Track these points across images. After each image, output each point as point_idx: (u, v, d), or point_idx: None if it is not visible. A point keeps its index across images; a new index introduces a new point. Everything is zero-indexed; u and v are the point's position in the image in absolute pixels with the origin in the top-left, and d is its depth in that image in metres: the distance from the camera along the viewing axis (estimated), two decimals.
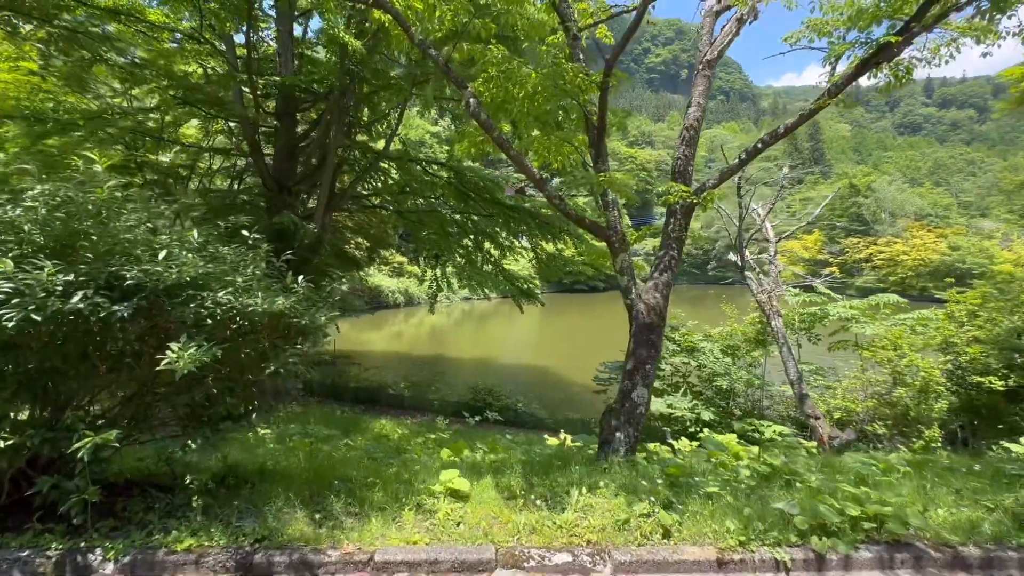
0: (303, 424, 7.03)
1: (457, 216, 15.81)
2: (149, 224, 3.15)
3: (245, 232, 3.43)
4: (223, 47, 10.53)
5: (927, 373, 7.62)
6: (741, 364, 11.03)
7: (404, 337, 30.40)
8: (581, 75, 4.35)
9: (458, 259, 16.46)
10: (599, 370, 12.70)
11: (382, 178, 16.03)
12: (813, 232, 59.73)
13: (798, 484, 3.86)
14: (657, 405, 11.13)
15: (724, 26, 5.67)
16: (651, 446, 5.66)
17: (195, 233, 3.17)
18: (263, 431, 5.60)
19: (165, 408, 3.29)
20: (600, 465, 4.39)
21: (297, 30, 12.47)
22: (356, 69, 10.58)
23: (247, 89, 10.28)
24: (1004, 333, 7.57)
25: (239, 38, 10.71)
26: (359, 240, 20.89)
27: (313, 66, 11.78)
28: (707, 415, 9.39)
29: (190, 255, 2.98)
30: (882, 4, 4.21)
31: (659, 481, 3.74)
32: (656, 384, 11.47)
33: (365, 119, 13.64)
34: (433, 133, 53.20)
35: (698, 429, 8.94)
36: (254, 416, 3.43)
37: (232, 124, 12.65)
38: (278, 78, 10.34)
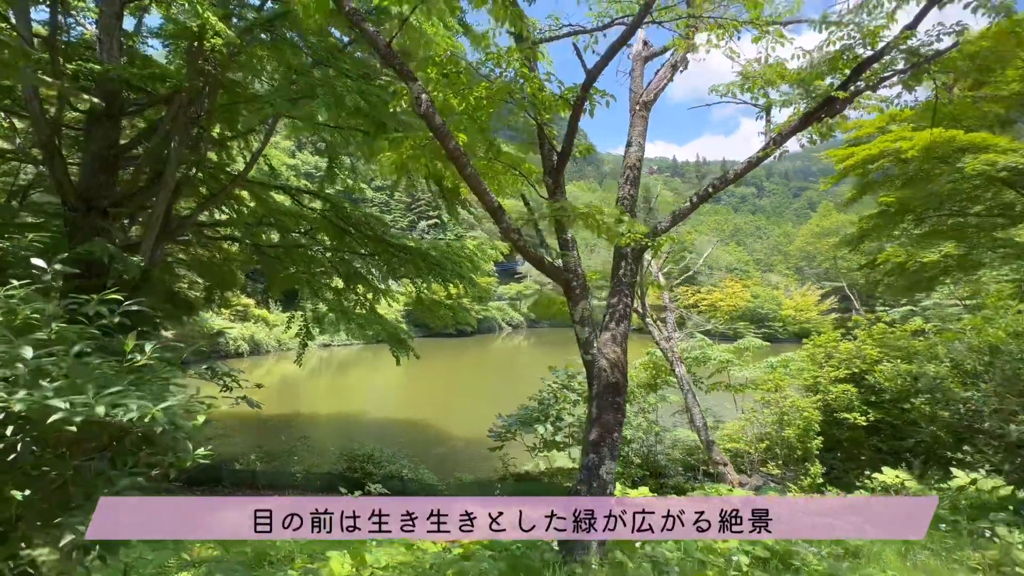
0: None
1: (329, 254, 13.94)
2: None
3: (38, 264, 1.89)
4: (12, 17, 7.83)
5: (809, 413, 8.23)
6: (636, 410, 11.07)
7: (249, 393, 25.74)
8: (548, 90, 3.66)
9: (323, 303, 14.41)
10: (496, 424, 11.73)
11: (235, 206, 13.51)
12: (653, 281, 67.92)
13: (801, 568, 3.36)
14: (561, 460, 10.52)
15: (658, 70, 5.61)
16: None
17: None
18: None
19: None
20: (574, 574, 3.43)
21: (129, 23, 10.02)
22: (215, 71, 8.66)
23: (48, 79, 7.65)
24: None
25: (42, 14, 8.09)
26: (195, 279, 17.32)
27: (147, 63, 9.45)
28: None
29: None
30: (823, 67, 4.36)
31: None
32: (557, 438, 10.92)
33: (219, 134, 11.34)
34: (290, 165, 48.95)
35: None
36: None
37: (18, 121, 9.48)
38: (98, 66, 7.92)
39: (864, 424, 8.33)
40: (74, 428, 1.34)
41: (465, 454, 15.29)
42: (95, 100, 7.75)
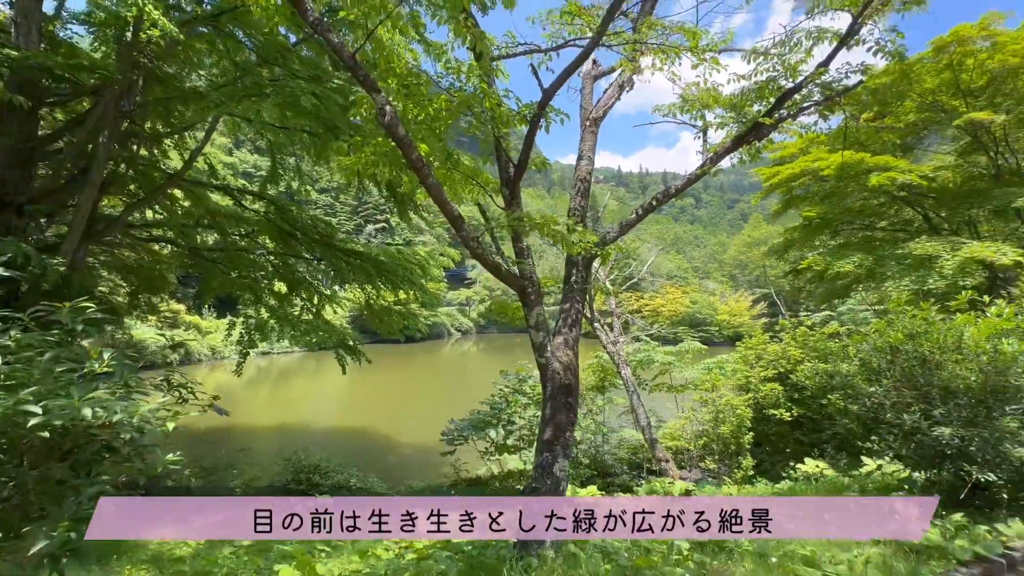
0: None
1: (273, 258, 13.42)
2: None
3: None
4: None
5: (741, 411, 8.87)
6: (585, 412, 11.44)
7: (204, 402, 24.04)
8: (506, 105, 3.84)
9: (265, 309, 13.82)
10: (448, 429, 11.70)
11: (168, 205, 12.75)
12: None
13: (734, 549, 3.70)
14: (513, 463, 10.69)
15: (607, 89, 5.95)
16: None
17: None
18: None
19: None
20: (530, 571, 3.59)
21: (49, 6, 9.28)
22: (151, 64, 8.20)
23: None
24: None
25: None
26: (119, 282, 16.10)
27: (73, 52, 8.81)
28: None
29: None
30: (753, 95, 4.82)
31: None
32: (508, 441, 11.07)
33: (153, 130, 10.68)
34: (227, 164, 46.45)
35: None
36: None
37: None
38: (15, 52, 7.30)
39: (789, 419, 9.09)
40: (46, 434, 1.31)
41: (416, 461, 15.12)
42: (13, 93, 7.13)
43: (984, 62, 10.30)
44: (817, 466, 7.79)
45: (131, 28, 7.94)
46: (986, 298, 5.82)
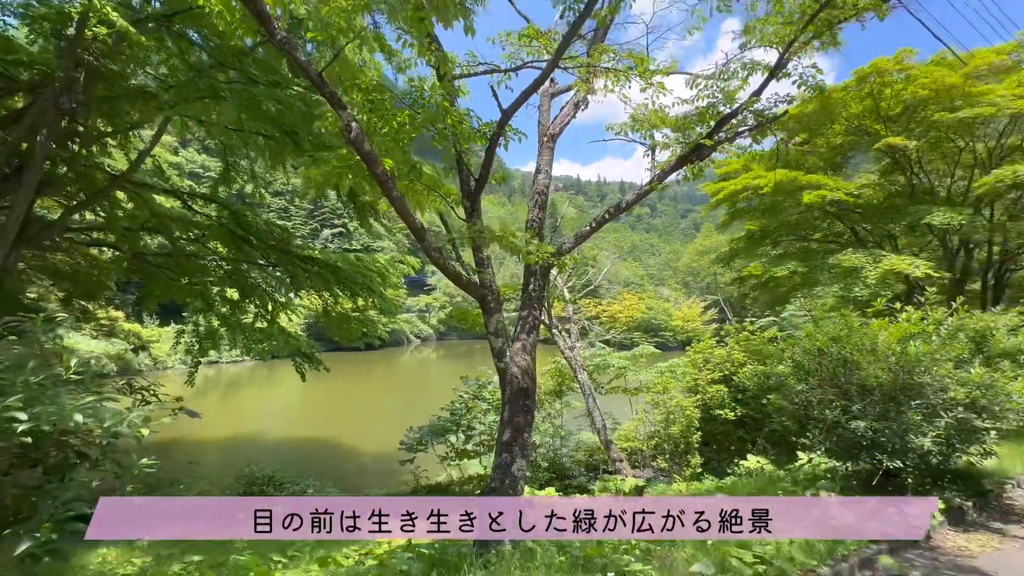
0: None
1: (225, 264, 13.00)
2: None
3: None
4: None
5: (690, 411, 9.38)
6: (543, 416, 11.71)
7: (168, 406, 22.61)
8: (467, 123, 4.06)
9: (216, 317, 13.35)
10: (408, 436, 11.67)
11: (109, 208, 12.14)
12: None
13: (679, 541, 4.01)
14: (474, 468, 10.80)
15: (563, 107, 6.27)
16: None
17: None
18: None
19: None
20: (489, 566, 3.76)
21: None
22: (97, 61, 7.90)
23: None
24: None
25: None
26: (51, 288, 15.13)
27: (9, 46, 8.34)
28: None
29: None
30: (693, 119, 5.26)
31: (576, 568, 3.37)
32: (468, 447, 11.18)
33: (96, 129, 10.20)
34: (173, 164, 44.25)
35: None
36: None
37: None
38: None
39: (733, 419, 9.69)
40: (29, 439, 1.38)
41: (375, 469, 14.93)
42: None
43: (900, 92, 11.47)
44: (758, 462, 8.36)
45: (74, 24, 7.64)
46: (898, 305, 6.50)
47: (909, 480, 5.29)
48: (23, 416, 1.38)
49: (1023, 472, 6.72)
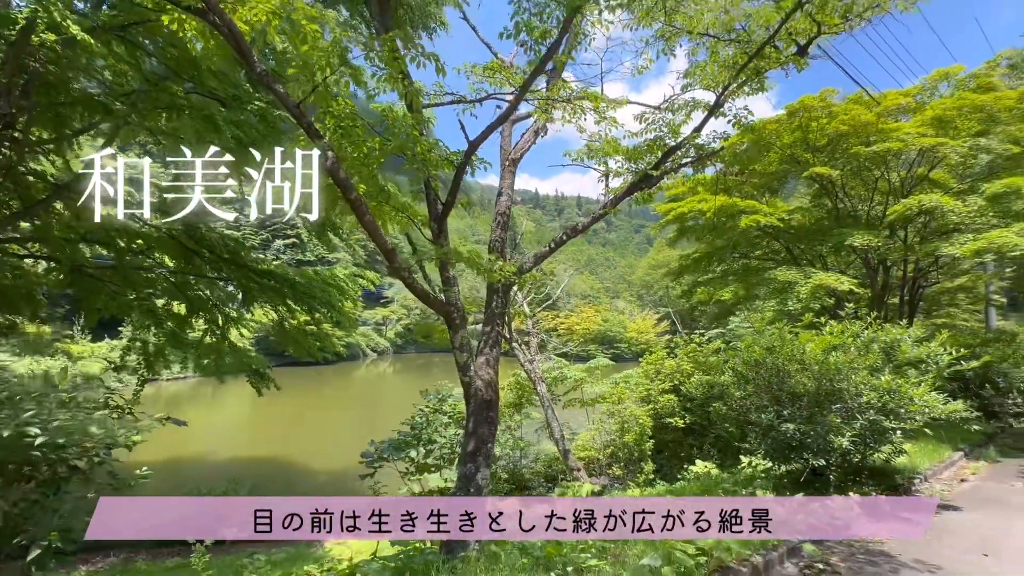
0: None
1: (172, 277, 12.51)
2: None
3: None
4: None
5: (643, 420, 9.88)
6: (503, 428, 11.93)
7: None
8: (436, 151, 4.34)
9: (160, 332, 12.79)
10: (367, 450, 11.57)
11: (45, 217, 11.48)
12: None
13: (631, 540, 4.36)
14: (435, 482, 10.85)
15: (524, 133, 6.67)
16: None
17: None
18: None
19: None
20: (456, 571, 3.96)
21: None
22: (42, 68, 7.61)
23: None
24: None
25: None
26: None
27: None
28: None
29: None
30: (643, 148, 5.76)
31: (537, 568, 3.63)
32: (430, 460, 11.22)
33: (35, 136, 9.70)
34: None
35: None
36: None
37: None
38: None
39: (683, 426, 10.27)
40: (39, 453, 1.47)
41: (332, 487, 14.62)
42: None
43: (824, 127, 12.74)
44: (705, 466, 8.92)
45: (17, 28, 7.36)
46: (823, 319, 7.24)
47: (832, 477, 5.90)
48: (36, 431, 1.48)
49: (929, 468, 7.58)
